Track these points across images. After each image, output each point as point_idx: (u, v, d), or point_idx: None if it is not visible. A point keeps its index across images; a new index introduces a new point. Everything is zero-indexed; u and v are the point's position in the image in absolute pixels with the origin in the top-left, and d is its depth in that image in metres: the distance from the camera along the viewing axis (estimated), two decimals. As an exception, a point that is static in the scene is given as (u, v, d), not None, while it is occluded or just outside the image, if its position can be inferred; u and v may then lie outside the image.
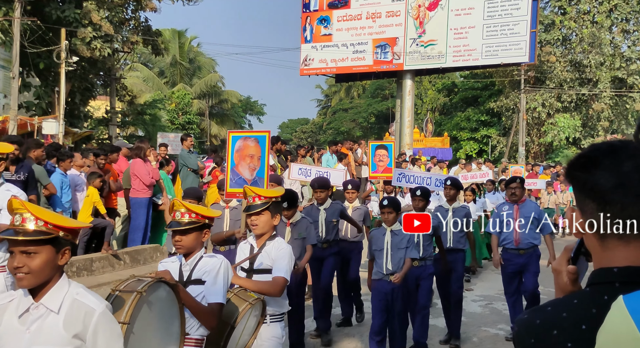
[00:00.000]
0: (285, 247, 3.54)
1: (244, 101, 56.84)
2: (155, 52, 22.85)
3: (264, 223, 3.53)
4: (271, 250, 3.52)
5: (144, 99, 33.94)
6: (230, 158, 5.63)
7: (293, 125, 68.80)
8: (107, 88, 24.30)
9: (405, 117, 23.83)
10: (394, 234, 5.02)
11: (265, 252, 3.54)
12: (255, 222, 3.53)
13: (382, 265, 4.98)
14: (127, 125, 27.61)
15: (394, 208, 5.12)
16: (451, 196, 6.27)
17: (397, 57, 23.22)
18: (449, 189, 6.28)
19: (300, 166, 8.62)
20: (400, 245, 4.99)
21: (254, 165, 5.55)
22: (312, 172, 8.17)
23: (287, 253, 3.51)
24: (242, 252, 3.66)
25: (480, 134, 35.90)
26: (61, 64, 17.11)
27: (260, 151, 5.54)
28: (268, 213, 3.52)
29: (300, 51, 24.78)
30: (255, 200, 3.52)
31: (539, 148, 33.45)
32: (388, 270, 4.95)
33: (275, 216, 3.57)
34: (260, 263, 3.54)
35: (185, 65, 43.81)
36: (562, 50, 32.41)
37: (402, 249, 4.98)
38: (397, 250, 4.98)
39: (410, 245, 5.03)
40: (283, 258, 3.48)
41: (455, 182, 6.49)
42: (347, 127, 50.65)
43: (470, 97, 38.83)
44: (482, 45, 21.95)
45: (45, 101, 18.04)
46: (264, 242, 3.57)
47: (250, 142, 5.64)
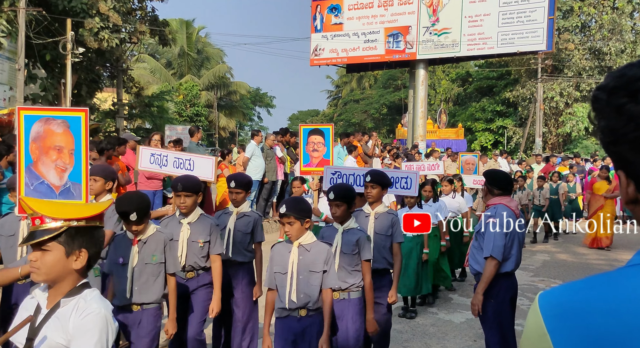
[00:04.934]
0: (96, 312, 1.93)
1: (253, 92, 56.87)
2: (162, 43, 22.89)
3: (50, 266, 1.96)
4: (68, 316, 1.95)
5: (151, 91, 34.05)
6: (24, 149, 3.70)
7: (303, 116, 68.73)
8: (114, 80, 24.37)
9: (418, 108, 23.70)
10: (305, 251, 3.51)
11: (57, 319, 1.98)
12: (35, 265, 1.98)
13: (284, 295, 3.49)
14: (135, 118, 27.71)
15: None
16: (374, 196, 4.52)
17: (409, 46, 23.07)
18: (370, 188, 4.52)
19: (153, 151, 6.26)
20: (314, 267, 3.49)
21: (63, 164, 3.74)
22: (168, 159, 6.04)
23: (95, 326, 1.92)
24: (25, 311, 2.07)
25: (496, 124, 35.62)
26: (67, 55, 17.18)
27: (72, 141, 3.72)
28: (59, 249, 1.97)
29: (310, 41, 24.70)
30: (39, 224, 2.00)
31: (556, 139, 33.12)
32: (293, 304, 3.48)
33: (76, 254, 1.99)
34: (43, 338, 1.96)
35: (193, 56, 43.87)
36: (580, 38, 32.01)
37: (317, 273, 3.49)
38: (308, 274, 3.49)
39: (329, 267, 3.52)
40: (85, 336, 1.90)
41: (379, 177, 4.58)
42: (359, 119, 50.48)
43: (485, 86, 38.52)
44: (498, 33, 21.74)
45: (52, 93, 18.12)
46: (58, 299, 2.00)
47: (56, 125, 3.71)
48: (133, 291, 3.64)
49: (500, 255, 4.15)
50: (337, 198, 3.98)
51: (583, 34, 32.32)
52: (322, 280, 3.48)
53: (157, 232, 3.76)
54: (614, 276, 0.89)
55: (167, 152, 6.25)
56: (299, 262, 3.47)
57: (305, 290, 3.46)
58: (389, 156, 14.36)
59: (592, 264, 9.93)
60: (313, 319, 3.50)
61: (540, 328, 0.88)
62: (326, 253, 3.50)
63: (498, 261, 4.15)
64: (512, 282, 4.34)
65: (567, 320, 0.86)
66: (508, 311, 4.29)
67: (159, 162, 6.13)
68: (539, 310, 0.90)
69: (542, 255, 10.78)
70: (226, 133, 47.74)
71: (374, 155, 13.53)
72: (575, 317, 0.85)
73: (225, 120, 45.85)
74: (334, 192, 4.00)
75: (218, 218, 4.85)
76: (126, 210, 3.58)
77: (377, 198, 4.53)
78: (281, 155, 11.61)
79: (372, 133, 14.74)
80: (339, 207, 3.98)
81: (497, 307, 4.22)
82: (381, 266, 4.46)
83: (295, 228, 3.43)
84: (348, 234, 4.02)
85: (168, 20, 24.77)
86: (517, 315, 6.92)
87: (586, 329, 0.83)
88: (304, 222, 3.45)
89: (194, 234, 4.24)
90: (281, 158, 11.56)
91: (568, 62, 31.23)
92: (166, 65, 44.06)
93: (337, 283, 3.58)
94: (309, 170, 6.95)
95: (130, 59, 25.40)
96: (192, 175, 4.63)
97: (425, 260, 6.55)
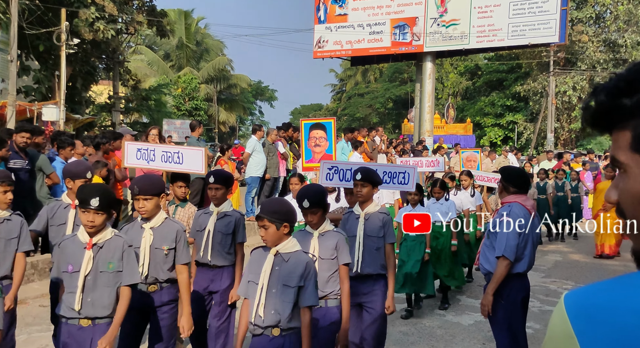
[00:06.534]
0: None
1: (254, 86, 56.89)
2: (160, 34, 22.87)
3: None
4: None
5: (148, 84, 34.07)
6: None
7: (306, 111, 68.76)
8: (110, 72, 24.39)
9: (425, 102, 23.65)
10: (282, 261, 3.21)
11: None
12: None
13: (252, 309, 3.19)
14: (131, 112, 27.75)
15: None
16: (364, 195, 4.31)
17: (416, 38, 23.00)
18: (359, 186, 4.29)
19: (139, 145, 6.25)
20: (289, 280, 3.17)
21: None
22: (156, 154, 6.01)
23: None
24: None
25: (506, 119, 35.58)
26: (62, 46, 17.17)
27: None
28: None
29: (314, 32, 24.64)
30: None
31: (569, 134, 33.06)
32: (259, 320, 3.16)
33: None
34: None
35: (192, 48, 43.85)
36: (595, 29, 31.90)
37: (291, 289, 3.16)
38: (281, 289, 3.17)
39: (307, 282, 3.18)
40: None
41: (369, 175, 4.35)
42: (363, 113, 50.46)
43: (495, 80, 38.45)
44: (508, 24, 21.65)
45: (45, 86, 18.14)
46: None
47: None
48: (83, 302, 3.35)
49: (513, 255, 4.13)
50: (313, 205, 3.69)
51: (597, 26, 32.21)
52: (299, 297, 3.15)
53: (115, 236, 3.48)
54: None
55: (155, 146, 6.14)
56: (272, 272, 3.15)
57: (276, 306, 3.13)
58: (394, 151, 14.35)
59: (606, 265, 9.91)
60: (288, 339, 3.16)
61: (566, 330, 0.87)
62: (304, 267, 3.16)
63: (510, 261, 4.13)
64: (524, 283, 4.32)
65: (596, 321, 0.85)
66: (519, 313, 4.27)
67: (146, 157, 6.04)
68: (565, 311, 0.89)
69: (553, 255, 10.76)
70: (226, 128, 47.76)
71: (381, 151, 13.53)
72: (605, 318, 0.84)
73: (226, 114, 45.86)
74: (309, 199, 3.67)
75: (198, 218, 4.68)
76: (87, 196, 3.35)
77: (368, 198, 4.31)
78: (283, 151, 11.60)
79: (378, 128, 14.72)
80: (314, 213, 3.72)
81: (508, 308, 4.20)
82: (374, 271, 4.25)
83: (270, 233, 3.14)
84: (325, 238, 3.77)
85: (166, 11, 24.75)
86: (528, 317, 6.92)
87: (616, 331, 0.82)
88: (280, 227, 3.14)
89: (157, 240, 3.89)
90: (283, 154, 11.56)
91: (582, 54, 31.14)
92: (164, 57, 44.07)
93: (317, 302, 3.27)
94: (311, 166, 6.77)
95: (127, 50, 25.37)
96: (152, 176, 4.26)
97: (427, 260, 6.55)
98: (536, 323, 6.35)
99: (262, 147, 11.09)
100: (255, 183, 11.06)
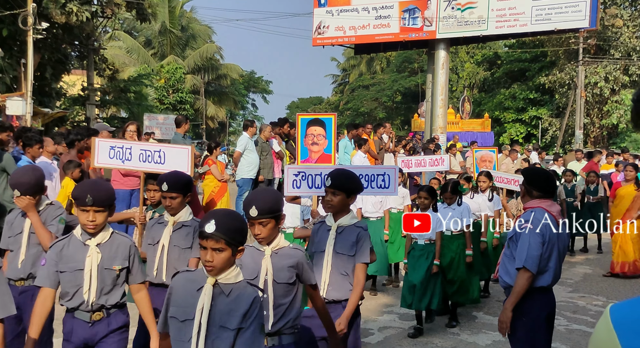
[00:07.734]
0: None
1: (246, 77, 56.98)
2: (140, 18, 22.89)
3: None
4: None
5: (127, 74, 34.11)
6: None
7: (304, 105, 68.82)
8: (84, 60, 24.42)
9: (438, 95, 23.68)
10: (221, 293, 2.73)
11: None
12: None
13: None
14: (108, 105, 27.77)
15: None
16: (335, 206, 4.00)
17: (428, 24, 23.02)
18: (330, 194, 3.99)
19: (112, 143, 6.09)
20: (227, 322, 2.68)
21: None
22: (132, 152, 5.82)
23: None
24: None
25: (529, 114, 35.61)
26: (28, 31, 17.17)
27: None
28: None
29: (313, 17, 24.68)
30: None
31: (600, 131, 33.08)
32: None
33: None
34: None
35: (177, 34, 43.94)
36: (630, 12, 31.93)
37: (229, 331, 2.69)
38: (218, 330, 2.69)
39: (252, 319, 2.69)
40: None
41: (342, 181, 4.01)
42: (368, 108, 50.54)
43: (516, 70, 38.47)
44: (532, 7, 21.68)
45: (10, 75, 18.14)
46: None
47: None
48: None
49: (535, 267, 4.09)
50: (263, 214, 3.26)
51: (634, 8, 32.24)
52: (236, 341, 2.67)
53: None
54: None
55: (131, 144, 5.98)
56: (211, 308, 2.68)
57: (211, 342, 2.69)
58: (403, 151, 14.34)
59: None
60: None
61: (612, 343, 0.91)
62: (249, 306, 2.68)
63: (532, 273, 4.10)
64: (548, 298, 4.29)
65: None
66: (543, 331, 4.23)
67: (120, 156, 5.82)
68: (612, 323, 0.92)
69: (582, 267, 10.74)
70: (215, 123, 47.84)
71: (389, 150, 13.52)
72: None
73: (214, 108, 45.93)
74: (258, 206, 3.24)
75: (150, 229, 4.49)
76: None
77: (341, 208, 3.98)
78: (278, 149, 11.59)
79: (385, 124, 14.71)
80: (264, 225, 3.32)
81: (530, 326, 4.16)
82: (343, 297, 3.93)
83: (222, 257, 2.67)
84: (280, 257, 3.41)
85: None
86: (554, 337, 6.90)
87: None
88: (236, 252, 2.73)
89: (106, 259, 3.58)
90: (278, 153, 11.55)
91: (615, 41, 31.15)
92: (145, 44, 44.13)
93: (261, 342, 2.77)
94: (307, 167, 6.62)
95: (103, 36, 25.41)
96: (103, 184, 3.86)
97: (434, 272, 6.50)
98: (562, 344, 6.34)
99: (254, 145, 11.08)
100: (247, 186, 11.03)
